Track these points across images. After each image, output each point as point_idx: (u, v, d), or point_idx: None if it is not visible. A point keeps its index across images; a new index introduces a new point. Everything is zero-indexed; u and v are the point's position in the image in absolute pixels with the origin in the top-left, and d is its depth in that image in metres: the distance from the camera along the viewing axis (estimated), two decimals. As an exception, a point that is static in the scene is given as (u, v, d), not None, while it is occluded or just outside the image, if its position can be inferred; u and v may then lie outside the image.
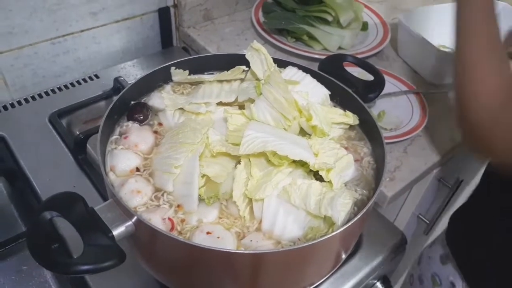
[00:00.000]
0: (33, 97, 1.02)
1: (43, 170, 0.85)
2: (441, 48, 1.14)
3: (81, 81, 1.08)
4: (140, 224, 0.52)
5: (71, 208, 0.52)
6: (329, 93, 0.76)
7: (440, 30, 1.19)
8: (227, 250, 0.50)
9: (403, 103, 1.04)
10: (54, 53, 1.06)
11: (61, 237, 0.72)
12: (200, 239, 0.54)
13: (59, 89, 1.05)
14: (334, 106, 0.77)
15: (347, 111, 0.74)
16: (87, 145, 0.89)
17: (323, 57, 0.86)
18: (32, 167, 0.86)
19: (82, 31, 1.08)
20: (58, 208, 0.52)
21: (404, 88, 1.07)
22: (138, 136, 0.66)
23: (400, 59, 1.21)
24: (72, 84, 1.07)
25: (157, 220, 0.55)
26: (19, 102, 1.00)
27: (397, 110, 1.01)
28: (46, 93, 1.04)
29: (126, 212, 0.52)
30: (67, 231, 0.72)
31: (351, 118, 0.72)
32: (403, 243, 0.83)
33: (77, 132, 0.97)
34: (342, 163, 0.63)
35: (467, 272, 0.91)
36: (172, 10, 1.20)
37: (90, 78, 1.09)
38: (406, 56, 1.20)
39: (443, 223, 1.50)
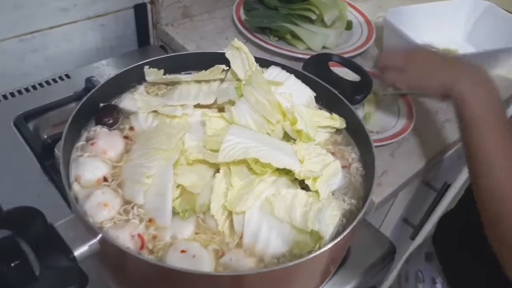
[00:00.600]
0: (-3, 97, 0.95)
1: (5, 178, 0.78)
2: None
3: (51, 81, 1.01)
4: (106, 243, 0.46)
5: (27, 225, 0.46)
6: (314, 94, 0.71)
7: (425, 29, 1.16)
8: (204, 273, 0.45)
9: (389, 104, 1.00)
10: (22, 51, 1.00)
11: (23, 253, 0.65)
12: (174, 259, 0.48)
13: (27, 89, 0.98)
14: (320, 109, 0.72)
15: (333, 113, 0.69)
16: (55, 150, 0.83)
17: (307, 56, 0.82)
18: (-7, 174, 0.79)
19: (51, 28, 1.02)
20: (13, 225, 0.46)
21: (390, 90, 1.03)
22: (106, 142, 0.60)
23: (386, 59, 1.18)
24: (40, 84, 1.00)
25: (125, 237, 0.49)
26: (-18, 103, 0.93)
27: (383, 112, 0.98)
28: (12, 94, 0.97)
29: (90, 230, 0.46)
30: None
31: (337, 121, 0.67)
32: (391, 252, 0.79)
33: (45, 136, 0.90)
34: (329, 171, 0.58)
35: (448, 270, 0.90)
36: (149, 6, 1.14)
37: (61, 78, 1.02)
38: (392, 56, 1.17)
39: (429, 228, 1.47)
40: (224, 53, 0.70)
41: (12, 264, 0.58)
